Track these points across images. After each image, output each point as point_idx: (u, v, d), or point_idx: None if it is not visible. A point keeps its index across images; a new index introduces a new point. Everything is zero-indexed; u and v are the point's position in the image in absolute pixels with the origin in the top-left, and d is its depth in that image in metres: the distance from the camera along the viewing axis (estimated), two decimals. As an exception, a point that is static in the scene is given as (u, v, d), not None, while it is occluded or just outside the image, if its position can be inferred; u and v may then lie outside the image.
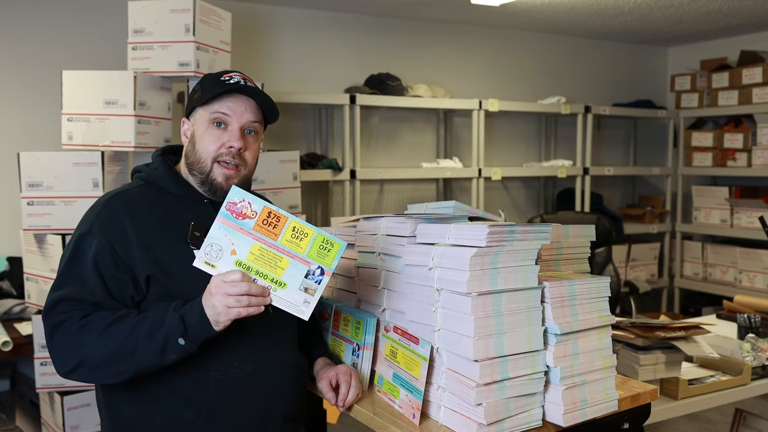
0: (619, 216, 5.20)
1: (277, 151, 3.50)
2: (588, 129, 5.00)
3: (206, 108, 1.58)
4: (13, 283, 3.37)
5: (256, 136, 1.62)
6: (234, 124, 1.57)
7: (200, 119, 1.59)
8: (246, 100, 1.59)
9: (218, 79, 1.59)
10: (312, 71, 4.44)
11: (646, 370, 1.99)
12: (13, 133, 3.61)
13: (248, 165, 1.60)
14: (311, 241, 1.43)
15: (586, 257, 1.86)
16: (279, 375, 1.57)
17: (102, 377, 1.45)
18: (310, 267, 1.43)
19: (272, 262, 1.42)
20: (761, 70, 4.77)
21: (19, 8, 3.61)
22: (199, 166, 1.57)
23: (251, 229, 1.41)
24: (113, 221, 1.50)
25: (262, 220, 1.42)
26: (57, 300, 1.45)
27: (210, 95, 1.56)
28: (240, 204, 1.41)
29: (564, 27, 5.03)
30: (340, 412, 1.92)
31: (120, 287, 1.47)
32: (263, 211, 1.42)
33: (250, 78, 1.64)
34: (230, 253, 1.40)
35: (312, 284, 1.44)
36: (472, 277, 1.36)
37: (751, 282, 4.84)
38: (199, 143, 1.57)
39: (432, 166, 4.50)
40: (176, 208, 1.56)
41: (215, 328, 1.39)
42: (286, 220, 1.42)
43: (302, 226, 1.43)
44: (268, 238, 1.42)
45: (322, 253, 1.44)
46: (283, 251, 1.42)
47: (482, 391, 1.36)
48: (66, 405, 2.72)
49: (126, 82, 2.85)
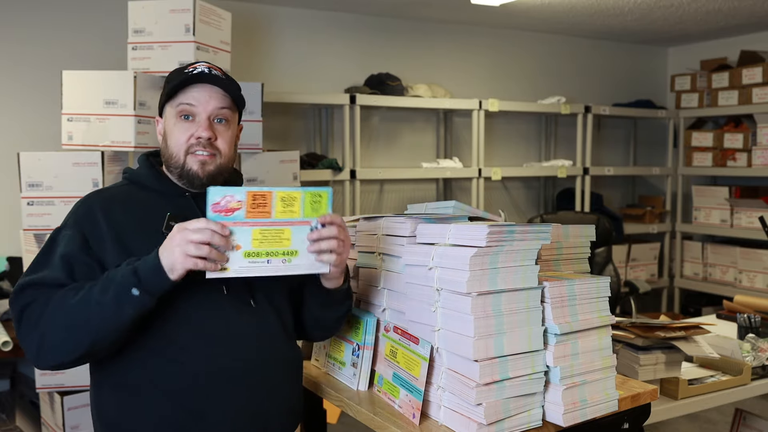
0: (619, 216, 5.20)
1: (277, 151, 3.50)
2: (588, 129, 5.00)
3: (172, 102, 1.56)
4: (13, 283, 3.37)
5: (227, 123, 1.58)
6: (201, 114, 1.54)
7: (169, 115, 1.58)
8: (210, 88, 1.56)
9: (182, 71, 1.58)
10: (312, 71, 4.44)
11: (646, 370, 1.99)
12: (13, 133, 3.61)
13: (223, 153, 1.57)
14: (301, 202, 1.44)
15: (586, 257, 1.87)
16: (269, 370, 1.53)
17: (65, 353, 1.39)
18: (310, 225, 1.44)
19: (276, 238, 1.42)
20: (761, 70, 4.77)
21: (19, 8, 3.61)
22: (174, 161, 1.56)
23: (244, 219, 1.41)
24: (89, 217, 1.50)
25: (250, 205, 1.40)
26: (23, 285, 1.44)
27: (172, 88, 1.55)
28: (223, 201, 1.39)
29: (564, 27, 5.03)
30: (340, 412, 1.91)
31: (87, 273, 1.45)
32: (248, 196, 1.40)
33: (217, 66, 1.62)
34: (235, 249, 1.39)
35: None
36: (472, 277, 1.37)
37: (751, 282, 4.84)
38: (170, 138, 1.56)
39: (432, 166, 4.50)
40: (158, 205, 1.55)
41: (170, 276, 1.35)
42: (272, 195, 1.42)
43: (288, 193, 1.43)
44: (263, 219, 1.41)
45: (315, 206, 1.45)
46: (282, 224, 1.43)
47: (482, 391, 1.36)
48: (66, 405, 2.72)
49: (126, 82, 2.85)
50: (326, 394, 1.75)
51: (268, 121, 3.61)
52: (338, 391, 1.70)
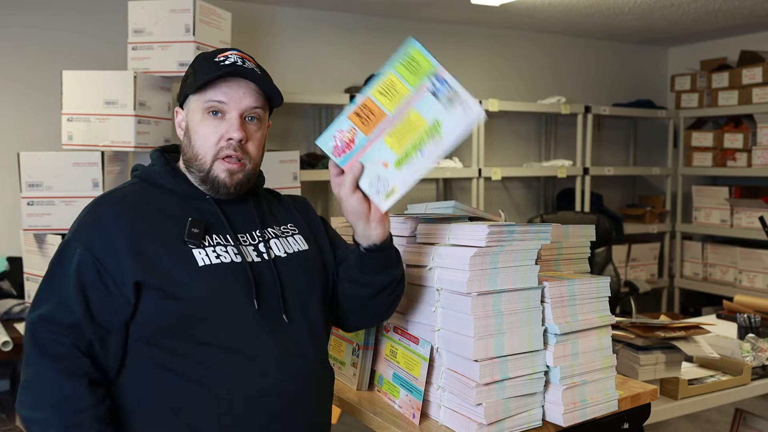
0: (619, 216, 5.20)
1: (277, 151, 3.50)
2: (588, 129, 5.00)
3: (200, 95, 1.38)
4: (13, 283, 3.37)
5: (259, 123, 1.42)
6: (232, 112, 1.38)
7: (194, 108, 1.39)
8: (244, 83, 1.39)
9: (212, 59, 1.40)
10: (312, 71, 4.44)
11: (646, 370, 1.99)
12: (13, 133, 3.60)
13: (252, 158, 1.41)
14: (400, 78, 1.28)
15: (586, 257, 1.86)
16: (300, 391, 1.37)
17: None
18: (428, 88, 1.26)
19: (409, 128, 1.27)
20: (761, 70, 4.76)
21: (19, 8, 3.61)
22: (198, 163, 1.39)
23: (367, 137, 1.27)
24: (99, 227, 1.33)
25: (361, 124, 1.28)
26: (34, 322, 1.30)
27: (203, 80, 1.36)
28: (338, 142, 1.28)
29: (564, 27, 5.03)
30: (340, 412, 1.90)
31: (103, 301, 1.30)
32: (352, 119, 1.28)
33: (250, 56, 1.45)
34: (383, 166, 1.27)
35: (447, 92, 1.26)
36: (472, 277, 1.36)
37: (751, 282, 4.84)
38: (195, 136, 1.39)
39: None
40: (174, 206, 1.39)
41: None
42: (370, 98, 1.28)
43: (383, 82, 1.28)
44: (383, 122, 1.27)
45: (415, 69, 1.27)
46: (402, 112, 1.27)
47: (482, 391, 1.36)
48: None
49: (126, 82, 2.85)
50: (326, 394, 1.74)
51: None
52: (338, 391, 1.69)
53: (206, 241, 1.35)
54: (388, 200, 1.27)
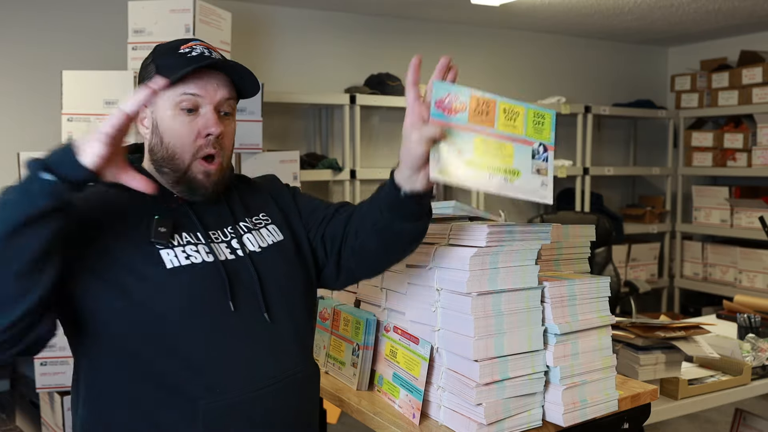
0: (619, 216, 5.20)
1: (277, 151, 3.50)
2: (588, 129, 5.00)
3: (170, 90, 1.27)
4: (13, 283, 3.37)
5: (231, 117, 1.35)
6: (207, 106, 1.29)
7: (163, 105, 1.29)
8: (216, 75, 1.30)
9: (176, 51, 1.31)
10: (312, 71, 4.43)
11: (646, 370, 1.99)
12: (13, 133, 3.60)
13: (226, 152, 1.34)
14: (524, 119, 1.29)
15: (586, 257, 1.86)
16: (287, 393, 1.32)
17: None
18: (533, 146, 1.29)
19: (498, 152, 1.28)
20: (761, 70, 4.77)
21: (19, 8, 3.61)
22: (174, 164, 1.29)
23: (467, 122, 1.27)
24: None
25: (473, 110, 1.27)
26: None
27: (178, 74, 1.25)
28: (448, 99, 1.27)
29: (564, 27, 5.03)
30: (340, 412, 1.90)
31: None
32: (471, 100, 1.27)
33: (212, 46, 1.36)
34: (457, 152, 1.26)
35: (541, 164, 1.29)
36: (472, 277, 1.36)
37: (751, 282, 4.84)
38: (169, 135, 1.29)
39: (432, 166, 4.50)
40: (138, 205, 1.29)
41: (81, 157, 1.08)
42: (495, 104, 1.28)
43: (512, 106, 1.29)
44: (486, 127, 1.27)
45: (538, 128, 1.30)
46: (504, 137, 1.28)
47: (482, 391, 1.36)
48: (66, 405, 2.72)
49: (126, 82, 2.85)
50: (326, 394, 1.74)
51: (268, 121, 3.61)
52: (338, 391, 1.69)
53: (174, 240, 1.28)
54: (440, 175, 1.25)
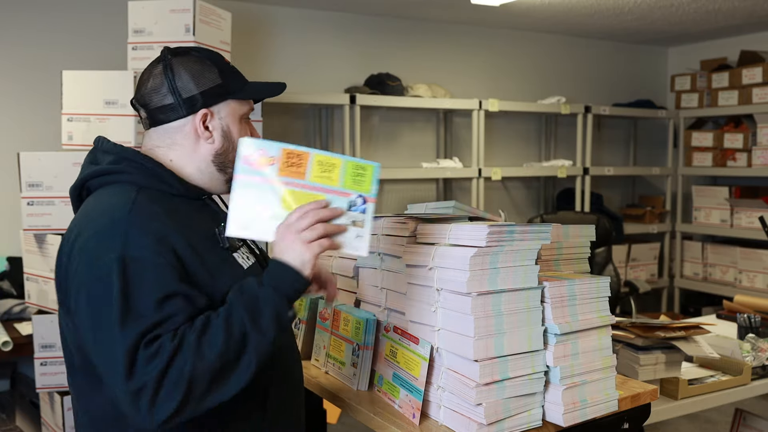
0: (619, 216, 5.20)
1: (277, 151, 3.50)
2: (588, 129, 5.00)
3: (242, 102, 1.40)
4: (13, 283, 3.37)
5: None
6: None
7: (233, 112, 1.39)
8: None
9: (234, 68, 1.44)
10: (312, 71, 4.44)
11: (646, 370, 1.99)
12: (13, 133, 3.61)
13: None
14: (342, 171, 1.28)
15: (586, 257, 1.87)
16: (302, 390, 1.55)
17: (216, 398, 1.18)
18: (349, 198, 1.28)
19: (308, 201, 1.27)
20: (761, 70, 4.77)
21: (19, 8, 3.61)
22: (230, 168, 1.37)
23: (277, 175, 1.26)
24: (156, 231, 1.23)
25: (284, 163, 1.26)
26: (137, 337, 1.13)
27: (261, 93, 1.45)
28: (256, 155, 1.26)
29: (564, 27, 5.03)
30: (340, 412, 1.91)
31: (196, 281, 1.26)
32: (282, 153, 1.26)
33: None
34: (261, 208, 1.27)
35: (357, 215, 1.28)
36: (472, 277, 1.36)
37: (751, 282, 4.84)
38: (237, 141, 1.36)
39: (432, 166, 4.50)
40: (190, 212, 1.35)
41: (305, 273, 1.22)
42: (309, 156, 1.27)
43: (328, 158, 1.28)
44: (296, 179, 1.27)
45: (357, 180, 1.28)
46: (316, 188, 1.27)
47: (482, 391, 1.36)
48: (66, 405, 2.72)
49: (126, 82, 2.85)
50: (326, 394, 1.74)
51: (269, 121, 3.62)
52: (338, 391, 1.69)
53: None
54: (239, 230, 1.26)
